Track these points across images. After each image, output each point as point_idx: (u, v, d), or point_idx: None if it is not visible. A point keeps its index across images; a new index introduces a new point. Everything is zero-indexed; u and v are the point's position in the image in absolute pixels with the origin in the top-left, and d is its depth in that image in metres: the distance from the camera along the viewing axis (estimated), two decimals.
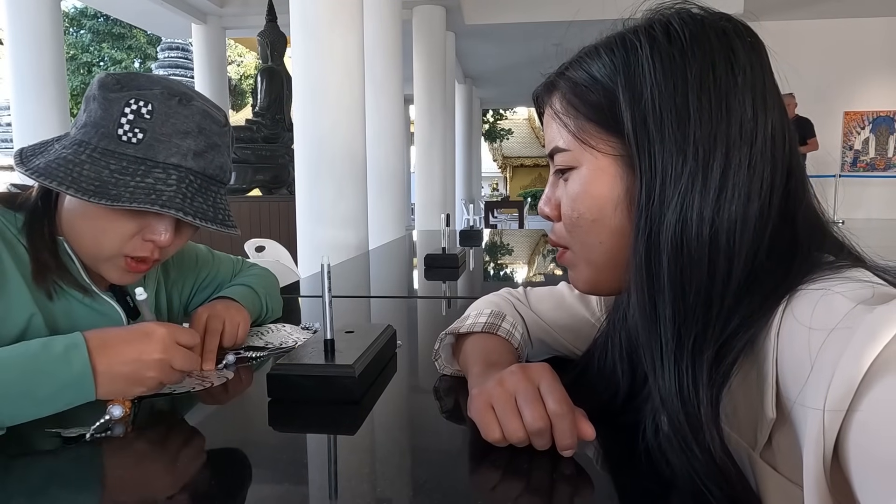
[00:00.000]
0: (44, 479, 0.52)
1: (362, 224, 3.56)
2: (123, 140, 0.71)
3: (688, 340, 0.45)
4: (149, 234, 0.75)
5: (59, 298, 0.76)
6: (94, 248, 0.75)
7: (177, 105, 0.73)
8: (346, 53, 3.30)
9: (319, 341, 0.74)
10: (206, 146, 0.75)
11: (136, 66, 18.00)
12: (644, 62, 0.47)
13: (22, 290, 0.72)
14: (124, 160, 0.70)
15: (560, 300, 0.79)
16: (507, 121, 23.16)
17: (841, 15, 8.95)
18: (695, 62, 0.46)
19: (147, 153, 0.71)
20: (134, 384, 0.64)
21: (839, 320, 0.35)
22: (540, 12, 7.24)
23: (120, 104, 0.71)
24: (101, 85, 0.73)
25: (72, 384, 0.60)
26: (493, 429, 0.53)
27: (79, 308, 0.78)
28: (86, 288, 0.78)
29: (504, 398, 0.54)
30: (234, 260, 1.13)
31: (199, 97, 0.77)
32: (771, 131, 0.46)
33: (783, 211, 0.46)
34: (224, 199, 0.78)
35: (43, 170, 0.69)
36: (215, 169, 0.76)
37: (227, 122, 0.79)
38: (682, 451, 0.44)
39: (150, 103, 0.72)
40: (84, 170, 0.69)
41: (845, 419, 0.33)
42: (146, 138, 0.71)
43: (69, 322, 0.77)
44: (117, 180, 0.69)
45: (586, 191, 0.51)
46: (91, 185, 0.68)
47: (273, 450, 0.59)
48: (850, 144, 9.63)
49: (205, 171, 0.75)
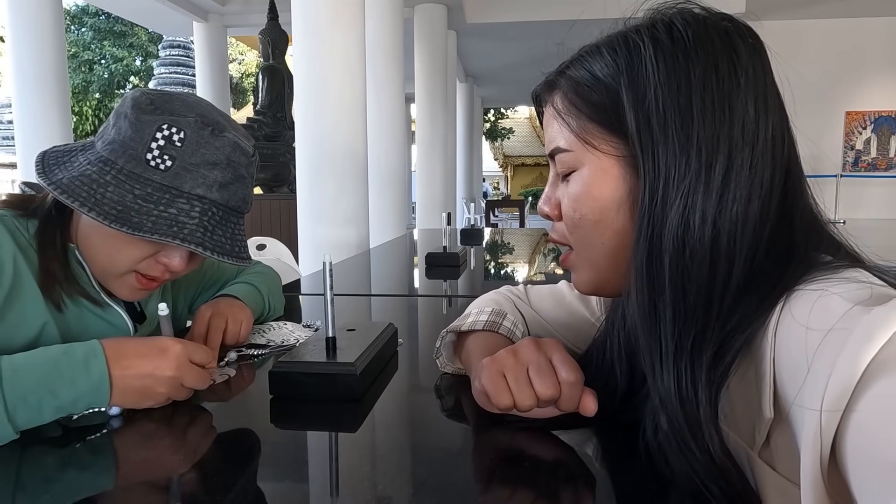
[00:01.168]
0: (41, 475, 0.53)
1: (363, 222, 3.56)
2: (151, 165, 0.69)
3: (687, 341, 0.45)
4: (163, 258, 0.75)
5: (71, 307, 0.76)
6: (108, 264, 0.74)
7: (209, 135, 0.72)
8: (347, 52, 3.30)
9: (321, 339, 0.74)
10: (233, 178, 0.74)
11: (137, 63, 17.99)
12: (647, 62, 0.47)
13: (36, 297, 0.72)
14: (149, 186, 0.69)
15: (560, 299, 0.79)
16: (508, 120, 23.14)
17: (843, 15, 8.93)
18: (698, 63, 0.46)
19: (173, 181, 0.70)
20: (144, 398, 0.64)
21: (836, 321, 0.36)
22: (541, 11, 7.23)
23: (152, 128, 0.70)
24: (135, 104, 0.71)
25: (89, 392, 0.61)
26: (505, 395, 0.55)
27: (89, 317, 0.78)
28: (95, 298, 0.78)
29: (517, 367, 0.56)
30: None
31: (230, 126, 0.75)
32: (772, 132, 0.46)
33: (781, 211, 0.46)
34: (241, 229, 0.77)
35: (66, 186, 0.68)
36: (238, 201, 0.75)
37: (255, 153, 0.78)
38: (681, 450, 0.45)
39: (182, 130, 0.70)
40: (108, 192, 0.68)
41: (842, 419, 0.33)
42: (174, 166, 0.70)
43: (80, 330, 0.77)
44: (140, 207, 0.68)
45: (588, 192, 0.51)
46: (113, 210, 0.67)
47: (274, 447, 0.59)
48: (852, 144, 9.62)
49: (227, 203, 0.74)
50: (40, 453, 0.57)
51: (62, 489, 0.50)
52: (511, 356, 0.57)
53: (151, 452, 0.58)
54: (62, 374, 0.60)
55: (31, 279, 0.71)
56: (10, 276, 0.69)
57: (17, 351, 0.62)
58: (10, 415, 0.56)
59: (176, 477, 0.53)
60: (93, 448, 0.58)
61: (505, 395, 0.56)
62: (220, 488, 0.50)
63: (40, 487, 0.50)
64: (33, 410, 0.58)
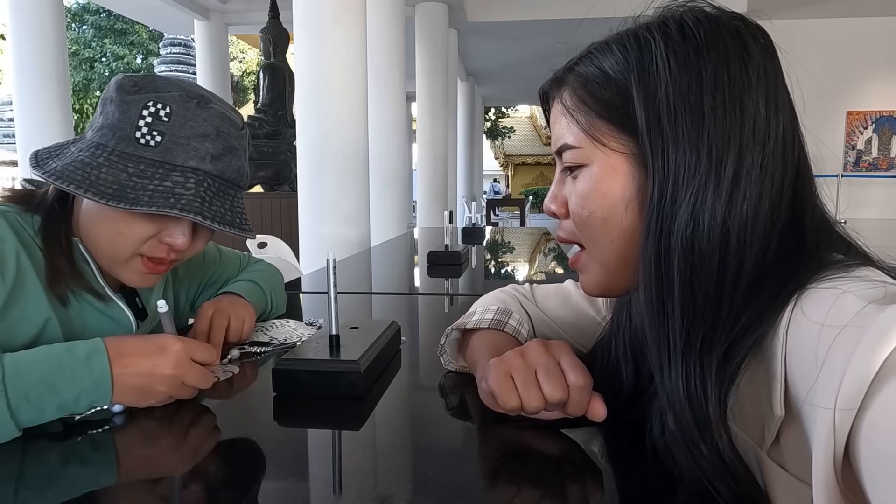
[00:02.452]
0: (43, 470, 0.53)
1: (364, 221, 3.56)
2: (141, 143, 0.70)
3: (696, 340, 0.44)
4: (166, 237, 0.74)
5: (73, 303, 0.76)
6: (111, 250, 0.74)
7: (195, 108, 0.72)
8: (348, 50, 3.30)
9: (324, 337, 0.74)
10: (224, 149, 0.74)
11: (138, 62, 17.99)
12: (658, 60, 0.46)
13: (39, 294, 0.71)
14: (142, 163, 0.70)
15: (566, 298, 0.78)
16: (509, 119, 23.13)
17: (845, 14, 8.93)
18: (710, 61, 0.45)
19: (165, 156, 0.70)
20: (145, 396, 0.64)
21: (850, 319, 0.35)
22: (542, 10, 7.22)
23: (138, 107, 0.70)
24: (119, 87, 0.72)
25: (91, 389, 0.61)
26: (511, 397, 0.55)
27: (91, 313, 0.78)
28: (100, 293, 0.78)
29: (525, 369, 0.56)
30: (240, 256, 1.13)
31: (216, 100, 0.76)
32: (782, 132, 0.46)
33: (792, 211, 0.46)
34: (241, 202, 0.77)
35: (60, 173, 0.68)
36: (233, 172, 0.76)
37: (244, 125, 0.79)
38: (688, 449, 0.44)
39: (168, 105, 0.71)
40: (102, 173, 0.68)
41: (856, 418, 0.32)
42: (164, 141, 0.70)
43: (82, 327, 0.77)
44: (135, 183, 0.68)
45: (597, 189, 0.51)
46: (109, 189, 0.67)
47: (277, 445, 0.59)
48: (853, 144, 9.62)
49: (222, 175, 0.74)
50: (42, 448, 0.57)
51: (65, 485, 0.50)
52: (519, 357, 0.57)
53: (154, 450, 0.58)
54: (65, 371, 0.60)
55: (34, 275, 0.71)
56: (13, 272, 0.68)
57: (20, 348, 0.62)
58: (12, 412, 0.56)
59: (178, 475, 0.53)
60: (95, 445, 0.58)
61: (512, 395, 0.55)
62: (223, 486, 0.50)
63: (42, 483, 0.50)
64: (35, 408, 0.58)
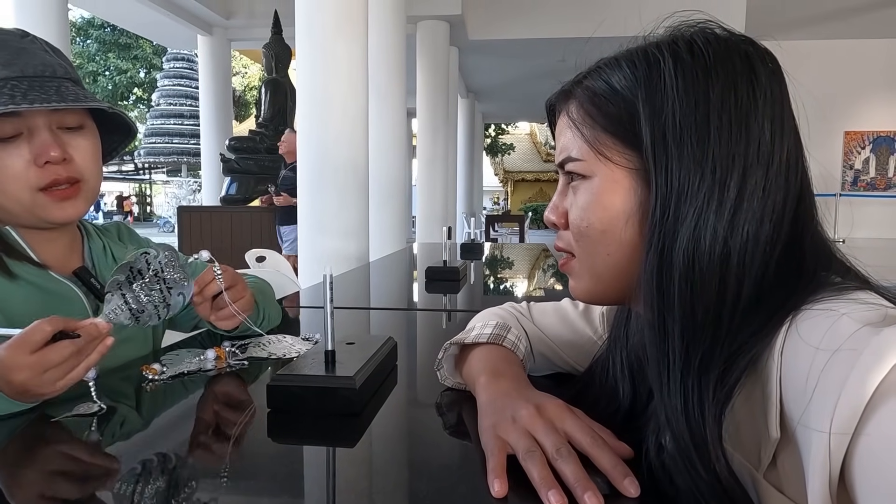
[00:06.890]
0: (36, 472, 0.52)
1: (363, 235, 3.56)
2: None
3: (695, 358, 0.44)
4: (39, 158, 0.78)
5: (17, 286, 0.78)
6: (9, 201, 0.78)
7: None
8: (350, 66, 3.32)
9: (320, 352, 0.74)
10: (12, 53, 0.78)
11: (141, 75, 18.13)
12: (667, 77, 0.47)
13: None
14: None
15: (563, 316, 0.78)
16: (509, 135, 23.24)
17: (842, 36, 9.03)
18: (717, 81, 0.46)
19: None
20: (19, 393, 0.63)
21: (844, 341, 0.35)
22: (542, 29, 7.30)
23: None
24: None
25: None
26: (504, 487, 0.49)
27: (36, 294, 0.80)
28: (30, 259, 0.80)
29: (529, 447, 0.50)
30: None
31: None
32: (786, 156, 0.46)
33: (792, 234, 0.46)
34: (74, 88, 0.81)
35: None
36: (36, 68, 0.79)
37: (25, 33, 0.83)
38: (686, 470, 0.44)
39: None
40: None
41: (851, 442, 0.32)
42: None
43: (27, 309, 0.78)
44: None
45: (598, 201, 0.51)
46: None
47: (271, 461, 0.59)
48: (851, 164, 9.68)
49: (24, 73, 0.78)
50: (21, 456, 0.56)
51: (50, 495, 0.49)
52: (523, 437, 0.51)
53: (143, 464, 0.57)
54: None
55: None
56: None
57: None
58: None
59: (170, 489, 0.52)
60: (79, 456, 0.58)
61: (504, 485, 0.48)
62: (215, 502, 0.49)
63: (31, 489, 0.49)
64: None
